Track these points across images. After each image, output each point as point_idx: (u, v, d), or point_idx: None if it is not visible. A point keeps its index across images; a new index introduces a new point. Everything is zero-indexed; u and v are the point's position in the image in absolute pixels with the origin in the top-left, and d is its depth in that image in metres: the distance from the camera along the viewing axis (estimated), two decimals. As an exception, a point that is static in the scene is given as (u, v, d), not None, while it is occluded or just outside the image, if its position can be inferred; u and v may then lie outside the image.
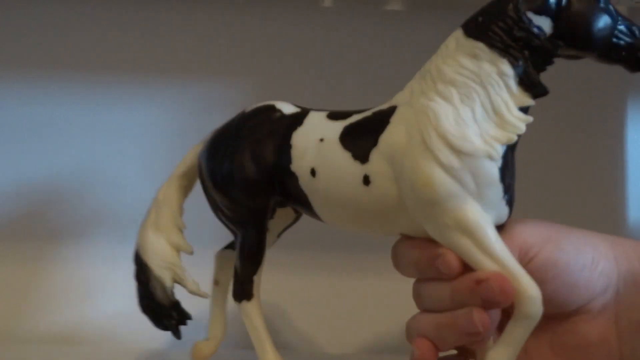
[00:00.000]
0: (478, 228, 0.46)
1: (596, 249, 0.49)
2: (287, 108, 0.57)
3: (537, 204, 0.71)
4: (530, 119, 0.47)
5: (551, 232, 0.49)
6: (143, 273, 0.61)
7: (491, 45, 0.47)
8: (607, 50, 0.47)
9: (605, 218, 0.79)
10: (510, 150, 0.47)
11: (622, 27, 0.47)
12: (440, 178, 0.46)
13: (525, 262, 0.47)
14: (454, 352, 0.51)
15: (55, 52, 0.78)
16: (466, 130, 0.46)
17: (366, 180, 0.49)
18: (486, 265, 0.46)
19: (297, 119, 0.55)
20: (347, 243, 0.77)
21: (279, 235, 0.61)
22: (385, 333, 0.77)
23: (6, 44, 0.78)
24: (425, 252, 0.48)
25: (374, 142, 0.50)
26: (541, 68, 0.47)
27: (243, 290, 0.57)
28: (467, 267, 0.47)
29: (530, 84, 0.47)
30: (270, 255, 0.57)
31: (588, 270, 0.48)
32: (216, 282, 0.63)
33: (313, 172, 0.52)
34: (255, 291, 0.57)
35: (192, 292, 0.60)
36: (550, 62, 0.48)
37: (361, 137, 0.51)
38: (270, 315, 0.75)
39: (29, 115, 0.77)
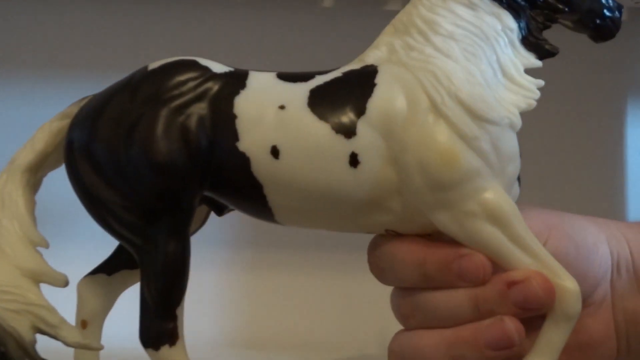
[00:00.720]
0: (508, 214, 0.39)
1: (592, 233, 0.44)
2: (216, 66, 0.42)
3: (536, 204, 0.71)
4: (541, 82, 0.41)
5: (552, 217, 0.44)
6: None
7: None
8: (586, 14, 0.42)
9: (605, 218, 0.79)
10: None
11: None
12: (462, 151, 0.38)
13: None
14: None
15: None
16: (482, 92, 0.39)
17: (353, 160, 0.39)
18: (519, 260, 0.39)
19: (235, 80, 0.41)
20: (346, 241, 0.77)
21: None
22: (387, 332, 0.77)
23: None
24: (437, 253, 0.40)
25: (361, 110, 0.39)
26: (542, 28, 0.42)
27: (162, 332, 0.40)
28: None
29: (535, 42, 0.41)
30: (266, 254, 0.55)
31: (593, 255, 0.43)
32: (84, 324, 0.43)
33: (275, 152, 0.39)
34: (180, 330, 0.41)
35: (69, 345, 0.41)
36: (548, 26, 0.43)
37: (340, 104, 0.40)
38: (267, 314, 0.75)
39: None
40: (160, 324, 0.40)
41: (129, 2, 0.78)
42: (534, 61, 0.41)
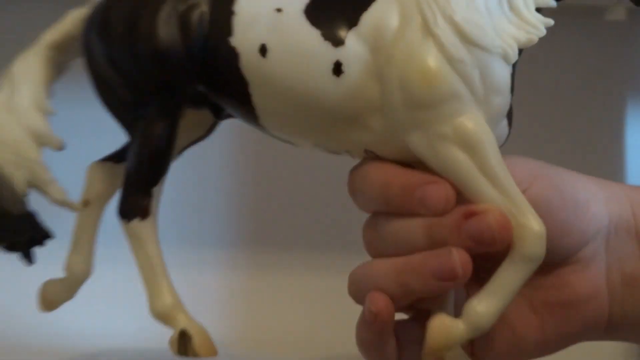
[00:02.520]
0: (483, 143, 0.38)
1: (587, 189, 0.42)
2: None
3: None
4: (550, 21, 0.39)
5: (541, 168, 0.42)
6: None
7: None
8: None
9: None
10: (517, 61, 0.39)
11: None
12: (445, 72, 0.37)
13: None
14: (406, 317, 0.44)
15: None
16: (480, 18, 0.38)
17: (337, 69, 0.39)
18: (485, 192, 0.38)
19: None
20: (346, 242, 0.77)
21: (180, 152, 0.46)
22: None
23: None
24: (404, 176, 0.40)
25: (354, 21, 0.39)
26: None
27: (136, 205, 0.43)
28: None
29: None
30: (266, 254, 0.56)
31: (581, 210, 0.41)
32: (86, 203, 0.46)
33: (263, 50, 0.40)
34: (153, 208, 0.44)
35: (55, 202, 0.45)
36: None
37: (336, 13, 0.40)
38: (267, 314, 0.75)
39: None
40: (135, 198, 0.43)
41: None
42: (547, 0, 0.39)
